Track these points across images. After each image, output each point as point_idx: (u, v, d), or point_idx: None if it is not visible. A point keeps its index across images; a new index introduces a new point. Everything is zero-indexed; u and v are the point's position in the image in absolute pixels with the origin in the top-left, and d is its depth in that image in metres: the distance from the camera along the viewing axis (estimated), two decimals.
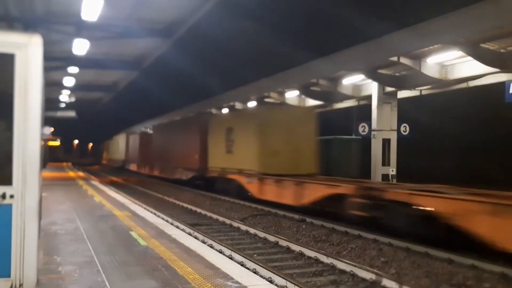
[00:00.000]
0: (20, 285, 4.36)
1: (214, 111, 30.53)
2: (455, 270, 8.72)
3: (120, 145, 49.89)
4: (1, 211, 4.34)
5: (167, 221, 13.16)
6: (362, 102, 21.42)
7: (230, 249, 10.16)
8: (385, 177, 18.44)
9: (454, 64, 15.03)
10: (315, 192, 14.30)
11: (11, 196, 4.36)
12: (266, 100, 25.21)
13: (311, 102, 23.23)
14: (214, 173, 22.43)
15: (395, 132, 18.97)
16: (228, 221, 14.53)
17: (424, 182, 14.06)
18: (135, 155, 42.16)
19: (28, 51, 4.44)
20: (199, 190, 24.30)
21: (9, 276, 4.34)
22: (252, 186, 18.07)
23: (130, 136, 46.80)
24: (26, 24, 16.64)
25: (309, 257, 9.87)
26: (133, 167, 43.66)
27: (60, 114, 46.40)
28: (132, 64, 26.21)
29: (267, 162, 17.68)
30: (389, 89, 18.18)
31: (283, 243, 11.11)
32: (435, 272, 8.67)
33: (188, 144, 26.40)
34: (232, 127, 20.68)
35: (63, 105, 47.03)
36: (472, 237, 9.15)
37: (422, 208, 10.49)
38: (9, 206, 4.37)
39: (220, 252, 9.45)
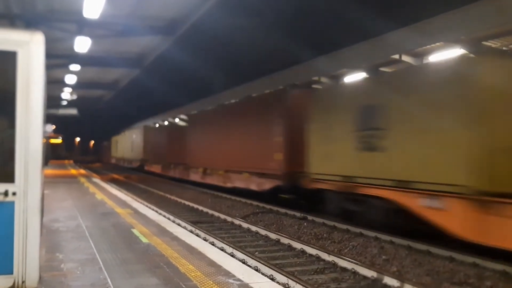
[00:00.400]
0: (23, 282, 4.37)
1: (324, 80, 18.75)
2: (457, 268, 8.73)
3: (136, 141, 40.96)
4: (4, 208, 4.35)
5: (168, 218, 13.20)
6: None
7: (232, 247, 10.18)
8: None
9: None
10: None
11: (14, 194, 4.37)
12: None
13: None
14: (325, 184, 13.70)
15: None
16: (229, 219, 14.56)
17: None
18: (159, 153, 33.60)
19: (30, 49, 4.45)
20: (201, 188, 24.31)
21: (11, 273, 4.35)
22: (450, 218, 9.40)
23: (150, 129, 38.66)
24: (27, 22, 16.63)
25: (311, 255, 9.89)
26: (155, 168, 34.75)
27: (61, 111, 46.42)
28: (134, 62, 26.18)
29: (501, 169, 8.92)
30: None
31: (285, 240, 11.13)
32: (436, 270, 8.67)
33: (261, 137, 17.85)
34: (379, 103, 11.58)
35: (64, 102, 47.04)
36: None
37: None
38: (12, 204, 4.38)
39: (222, 249, 9.46)
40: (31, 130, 4.43)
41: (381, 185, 11.35)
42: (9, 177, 4.38)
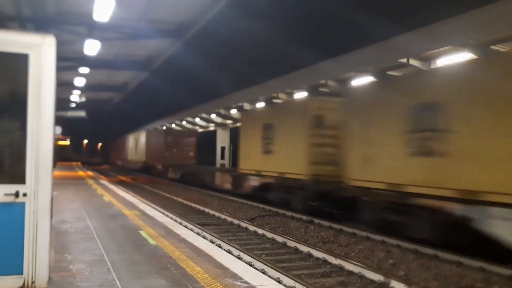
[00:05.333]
0: (32, 282, 4.42)
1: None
2: (464, 272, 8.69)
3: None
4: (14, 209, 4.40)
5: (175, 220, 13.25)
6: None
7: (239, 249, 10.21)
8: None
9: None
10: None
11: (24, 195, 4.42)
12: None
13: None
14: None
15: None
16: (236, 221, 14.58)
17: None
18: None
19: (41, 51, 4.51)
20: (207, 190, 24.36)
21: (21, 273, 4.40)
22: None
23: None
24: (38, 25, 16.79)
25: (317, 258, 9.89)
26: None
27: (70, 114, 46.71)
28: (143, 65, 26.33)
29: None
30: None
31: (291, 243, 11.14)
32: (443, 274, 8.65)
33: None
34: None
35: (73, 105, 47.34)
36: None
37: None
38: (22, 205, 4.43)
39: (229, 252, 9.49)
40: (42, 132, 4.48)
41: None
42: (20, 178, 4.44)
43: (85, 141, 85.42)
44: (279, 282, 7.68)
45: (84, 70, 26.89)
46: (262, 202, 18.22)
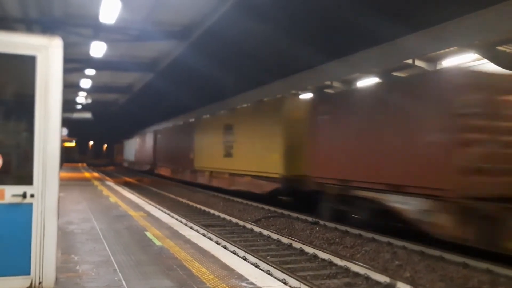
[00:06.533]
0: (40, 283, 4.44)
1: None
2: (470, 274, 8.66)
3: None
4: (22, 210, 4.43)
5: (181, 221, 13.26)
6: None
7: (244, 251, 10.22)
8: None
9: (469, 67, 14.90)
10: None
11: (32, 196, 4.45)
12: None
13: None
14: None
15: None
16: (241, 223, 14.59)
17: None
18: None
19: (49, 53, 4.54)
20: (211, 191, 24.38)
21: (29, 274, 4.43)
22: None
23: None
24: (44, 27, 16.87)
25: (323, 260, 9.89)
26: None
27: (76, 115, 46.86)
28: (148, 66, 26.38)
29: None
30: None
31: (297, 245, 11.14)
32: (450, 276, 8.62)
33: None
34: None
35: (79, 106, 47.53)
36: None
37: None
38: (30, 206, 4.45)
39: (234, 253, 9.50)
40: (49, 133, 4.51)
41: None
42: (28, 179, 4.46)
43: (91, 143, 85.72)
44: (285, 283, 7.68)
45: (90, 71, 26.97)
46: (267, 204, 18.22)
